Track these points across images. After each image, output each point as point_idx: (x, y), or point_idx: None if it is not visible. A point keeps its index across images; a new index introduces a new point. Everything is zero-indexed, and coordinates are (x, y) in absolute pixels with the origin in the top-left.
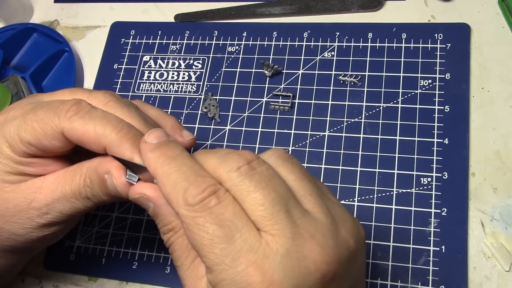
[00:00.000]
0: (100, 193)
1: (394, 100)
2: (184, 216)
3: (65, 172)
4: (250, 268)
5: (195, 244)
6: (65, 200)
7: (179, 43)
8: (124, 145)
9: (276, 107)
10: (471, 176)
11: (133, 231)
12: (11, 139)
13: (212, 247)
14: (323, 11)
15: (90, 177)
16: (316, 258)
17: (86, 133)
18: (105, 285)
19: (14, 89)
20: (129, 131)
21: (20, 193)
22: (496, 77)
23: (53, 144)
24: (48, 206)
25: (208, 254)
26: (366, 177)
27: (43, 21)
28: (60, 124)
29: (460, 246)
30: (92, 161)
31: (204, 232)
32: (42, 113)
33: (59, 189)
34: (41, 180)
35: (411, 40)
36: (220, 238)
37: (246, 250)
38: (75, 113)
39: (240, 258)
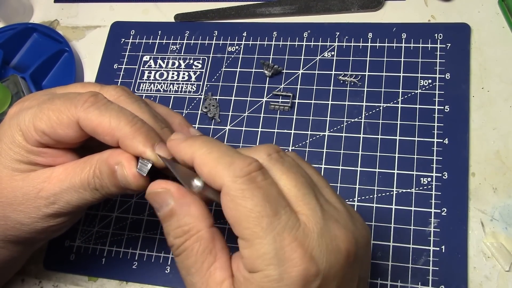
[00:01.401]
0: (109, 184)
1: (394, 100)
2: (230, 188)
3: (74, 163)
4: (294, 243)
5: (238, 216)
6: (73, 191)
7: (179, 43)
8: (137, 138)
9: (276, 107)
10: (471, 176)
11: (133, 231)
12: (25, 127)
13: (259, 220)
14: (323, 11)
15: (100, 168)
16: (343, 238)
17: (101, 124)
18: (105, 285)
19: (14, 89)
20: (143, 126)
21: (29, 181)
22: (496, 77)
23: (67, 133)
24: (56, 195)
25: (254, 226)
26: (366, 177)
27: (43, 21)
28: (76, 113)
29: (460, 246)
30: (102, 153)
31: (251, 205)
32: (59, 102)
33: (68, 179)
34: (50, 170)
35: (411, 40)
36: (267, 212)
37: (289, 227)
38: (92, 104)
39: (284, 233)
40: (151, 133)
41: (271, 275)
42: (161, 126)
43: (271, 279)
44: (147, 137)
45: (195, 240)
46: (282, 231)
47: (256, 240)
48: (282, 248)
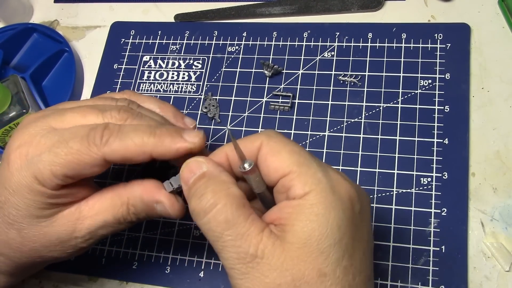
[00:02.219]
0: (147, 216)
1: (394, 100)
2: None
3: (101, 200)
4: (333, 170)
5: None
6: (108, 226)
7: (179, 43)
8: (166, 140)
9: (276, 107)
10: (471, 176)
11: (133, 231)
12: (42, 175)
13: (301, 154)
14: (323, 11)
15: (135, 205)
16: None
17: (127, 149)
18: (105, 285)
19: (14, 89)
20: (162, 128)
21: (58, 226)
22: (496, 77)
23: (93, 171)
24: (91, 233)
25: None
26: (366, 177)
27: (43, 21)
28: (99, 151)
29: (460, 246)
30: (132, 190)
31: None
32: (76, 145)
33: (101, 218)
34: (77, 210)
35: (411, 40)
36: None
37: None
38: (109, 136)
39: (323, 163)
40: (171, 129)
41: (325, 188)
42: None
43: (327, 191)
44: (173, 135)
45: (228, 194)
46: (320, 162)
47: (303, 167)
48: (327, 171)
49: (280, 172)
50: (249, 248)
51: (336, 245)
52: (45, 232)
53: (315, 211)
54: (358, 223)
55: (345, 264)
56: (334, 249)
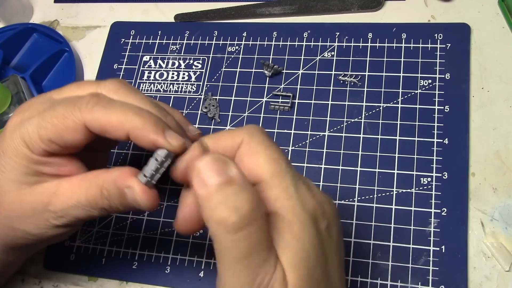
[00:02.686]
0: (118, 205)
1: (394, 100)
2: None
3: (80, 181)
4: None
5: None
6: (81, 208)
7: (179, 43)
8: (147, 127)
9: (276, 107)
10: (471, 176)
11: (133, 231)
12: (29, 138)
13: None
14: (323, 11)
15: (108, 190)
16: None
17: (109, 121)
18: (105, 285)
19: (14, 89)
20: (150, 116)
21: (36, 195)
22: (496, 77)
23: (75, 137)
24: (64, 211)
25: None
26: (366, 177)
27: (43, 21)
28: (82, 116)
29: (460, 246)
30: (109, 173)
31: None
32: (61, 109)
33: (75, 198)
34: (56, 185)
35: (411, 40)
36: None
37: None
38: (96, 103)
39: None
40: (160, 122)
41: (295, 206)
42: (164, 114)
43: (294, 209)
44: (157, 125)
45: (264, 215)
46: (295, 174)
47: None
48: (298, 187)
49: (253, 178)
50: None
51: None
52: (22, 200)
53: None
54: (325, 239)
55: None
56: None
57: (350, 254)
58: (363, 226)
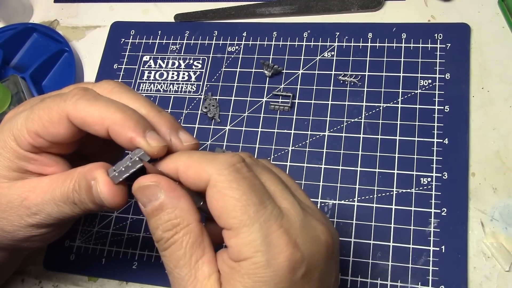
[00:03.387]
0: (87, 200)
1: (394, 100)
2: (216, 179)
3: (59, 175)
4: (279, 231)
5: (225, 206)
6: (54, 203)
7: (179, 43)
8: (127, 124)
9: (276, 107)
10: (471, 176)
11: (133, 231)
12: (17, 131)
13: (246, 208)
14: (323, 11)
15: (79, 183)
16: (322, 230)
17: (90, 114)
18: (105, 285)
19: (14, 89)
20: (133, 113)
21: (15, 190)
22: (496, 77)
23: (58, 130)
24: (38, 206)
25: (241, 215)
26: (366, 177)
27: (43, 21)
28: (66, 107)
29: (460, 246)
30: (84, 166)
31: (238, 194)
32: (49, 101)
33: (50, 191)
34: (37, 180)
35: (411, 40)
36: (253, 201)
37: (275, 216)
38: (81, 96)
39: (270, 221)
40: (142, 121)
41: (259, 261)
42: (158, 109)
43: (259, 265)
44: (138, 124)
45: (186, 232)
46: (268, 219)
47: (243, 229)
48: (269, 235)
49: (220, 222)
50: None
51: None
52: (0, 193)
53: (245, 284)
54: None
55: None
56: None
57: (350, 254)
58: (363, 226)
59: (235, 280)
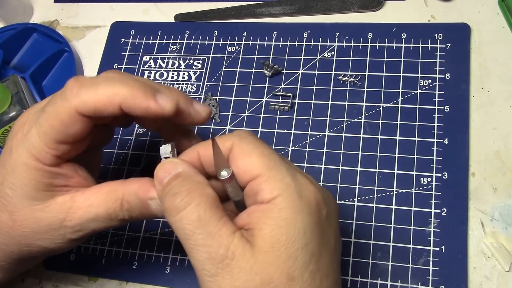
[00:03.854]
0: (139, 215)
1: (394, 100)
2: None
3: (97, 194)
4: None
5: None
6: (100, 221)
7: (179, 43)
8: (137, 94)
9: (276, 107)
10: (471, 176)
11: (133, 231)
12: (37, 150)
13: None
14: (323, 11)
15: (130, 202)
16: (311, 188)
17: (97, 99)
18: (105, 285)
19: (14, 89)
20: (136, 82)
21: (51, 212)
22: (496, 77)
23: (76, 127)
24: (82, 225)
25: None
26: (366, 177)
27: (43, 21)
28: (71, 104)
29: (460, 246)
30: (127, 185)
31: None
32: (50, 108)
33: (93, 212)
34: (71, 200)
35: (411, 40)
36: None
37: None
38: (79, 87)
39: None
40: (147, 86)
41: (292, 193)
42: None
43: (293, 197)
44: (145, 91)
45: (202, 195)
46: (290, 166)
47: (273, 170)
48: (295, 175)
49: (249, 175)
50: (220, 249)
51: (303, 249)
52: (36, 216)
53: (282, 216)
54: (325, 227)
55: (312, 268)
56: (302, 253)
57: (350, 254)
58: (363, 226)
59: (272, 217)
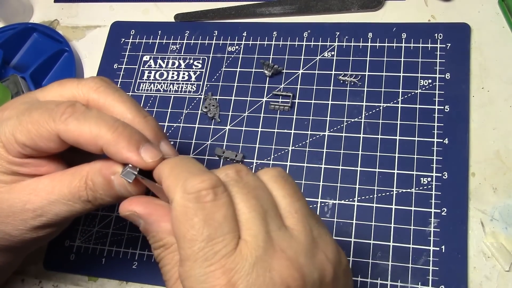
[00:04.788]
0: (104, 195)
1: (394, 100)
2: (176, 203)
3: (62, 175)
4: (218, 271)
5: (178, 233)
6: (62, 203)
7: (179, 43)
8: (120, 144)
9: (276, 107)
10: (471, 176)
11: (133, 231)
12: (6, 139)
13: (192, 243)
14: (323, 11)
15: (93, 180)
16: (283, 272)
17: (81, 134)
18: (105, 285)
19: (14, 89)
20: (124, 130)
21: (14, 194)
22: (496, 77)
23: (49, 146)
24: (43, 208)
25: (186, 248)
26: (366, 177)
27: (43, 21)
28: (55, 127)
29: (460, 246)
30: (93, 164)
31: (189, 226)
32: (37, 115)
33: (56, 192)
34: (36, 182)
35: (411, 40)
36: (202, 237)
37: (221, 255)
38: (70, 115)
39: (213, 259)
40: (135, 136)
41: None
42: (144, 114)
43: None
44: (130, 141)
45: (170, 251)
46: (211, 257)
47: (186, 262)
48: (206, 274)
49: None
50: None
51: None
52: (1, 198)
53: None
54: None
55: None
56: None
57: (350, 254)
58: (363, 226)
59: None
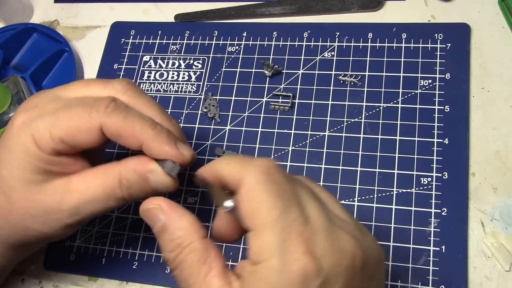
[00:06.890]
0: (139, 191)
1: (394, 100)
2: (248, 179)
3: (92, 174)
4: (299, 238)
5: (252, 207)
6: (97, 201)
7: (179, 43)
8: (160, 139)
9: (276, 107)
10: (471, 176)
11: (133, 231)
12: (40, 135)
13: (270, 211)
14: (323, 11)
15: (128, 178)
16: (348, 243)
17: (125, 128)
18: (105, 285)
19: (14, 89)
20: (162, 128)
21: (47, 194)
22: (496, 77)
23: (87, 139)
24: (79, 207)
25: (265, 217)
26: (366, 177)
27: (43, 21)
28: (100, 118)
29: (460, 246)
30: (124, 163)
31: (266, 196)
32: (78, 110)
33: (91, 191)
34: (67, 182)
35: (411, 40)
36: (278, 205)
37: (298, 223)
38: (114, 109)
39: (292, 227)
40: (171, 134)
41: (273, 266)
42: (169, 118)
43: (272, 270)
44: (169, 138)
45: (189, 251)
46: (290, 225)
47: (264, 230)
48: (287, 240)
49: (246, 222)
50: None
51: None
52: (32, 199)
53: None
54: None
55: None
56: None
57: None
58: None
59: (253, 285)
